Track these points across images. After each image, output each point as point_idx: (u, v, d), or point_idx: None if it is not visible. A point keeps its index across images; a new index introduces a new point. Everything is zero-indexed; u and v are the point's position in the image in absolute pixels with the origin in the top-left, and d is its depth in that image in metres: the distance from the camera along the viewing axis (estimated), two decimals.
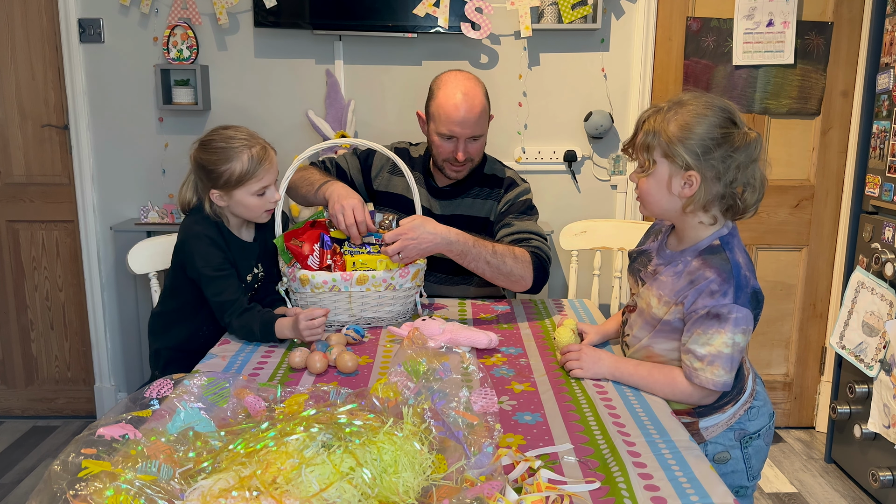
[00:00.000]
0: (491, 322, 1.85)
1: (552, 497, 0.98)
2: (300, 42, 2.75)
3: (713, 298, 1.32)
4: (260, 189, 1.70)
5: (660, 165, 1.35)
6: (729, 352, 1.32)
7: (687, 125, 1.31)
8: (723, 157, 1.30)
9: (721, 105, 1.33)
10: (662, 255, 1.46)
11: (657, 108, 1.36)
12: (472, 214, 2.05)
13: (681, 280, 1.38)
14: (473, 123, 1.93)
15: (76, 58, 2.73)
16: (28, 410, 3.06)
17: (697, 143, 1.30)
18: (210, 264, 1.70)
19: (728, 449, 1.46)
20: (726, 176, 1.31)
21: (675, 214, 1.40)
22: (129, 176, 2.84)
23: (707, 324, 1.33)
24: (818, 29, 2.74)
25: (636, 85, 2.78)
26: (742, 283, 1.32)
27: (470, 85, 1.94)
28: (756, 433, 1.47)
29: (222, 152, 1.67)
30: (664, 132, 1.32)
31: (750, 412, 1.46)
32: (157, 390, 1.15)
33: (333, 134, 2.72)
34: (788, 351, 3.01)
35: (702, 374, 1.34)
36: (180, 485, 0.91)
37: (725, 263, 1.33)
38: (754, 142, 1.32)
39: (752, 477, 1.49)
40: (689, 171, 1.32)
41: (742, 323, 1.32)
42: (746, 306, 1.32)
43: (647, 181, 1.38)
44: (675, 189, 1.35)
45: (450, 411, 1.10)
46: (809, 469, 2.72)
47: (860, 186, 2.63)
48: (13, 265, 2.94)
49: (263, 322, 1.64)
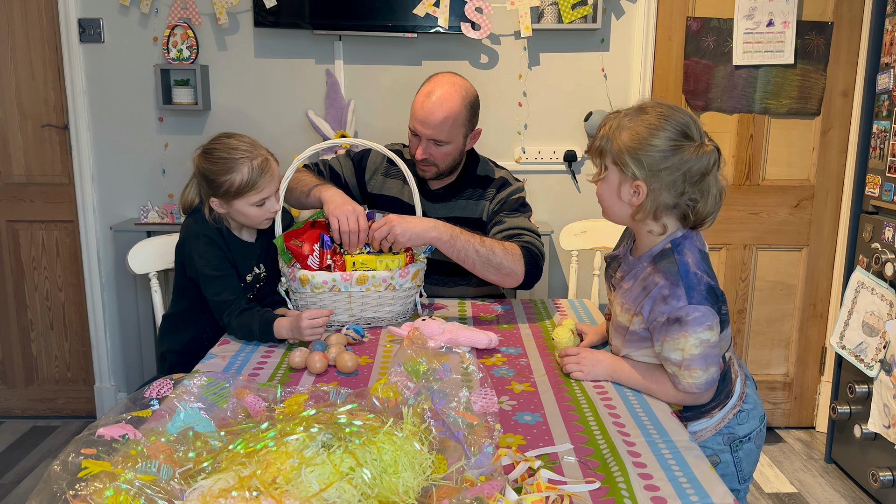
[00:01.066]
0: (491, 322, 1.85)
1: (552, 497, 0.98)
2: (300, 42, 2.75)
3: (667, 304, 1.32)
4: (259, 200, 1.71)
5: (611, 172, 1.37)
6: (699, 352, 1.31)
7: (638, 135, 1.31)
8: (671, 169, 1.30)
9: (678, 118, 1.32)
10: (626, 262, 1.47)
11: (617, 113, 1.37)
12: (466, 216, 2.04)
13: (636, 287, 1.39)
14: (434, 126, 1.89)
15: (76, 58, 2.73)
16: (28, 410, 3.06)
17: (644, 155, 1.30)
18: (209, 263, 1.71)
19: (717, 453, 1.45)
20: (674, 188, 1.31)
21: (628, 221, 1.41)
22: (129, 176, 2.84)
23: (670, 330, 1.32)
24: (818, 29, 2.74)
25: (636, 85, 2.78)
26: (692, 282, 1.31)
27: (448, 91, 1.91)
28: (746, 436, 1.46)
29: (223, 163, 1.67)
30: (616, 140, 1.33)
31: (739, 416, 1.45)
32: (157, 390, 1.15)
33: (333, 134, 2.72)
34: (788, 351, 3.01)
35: (682, 379, 1.35)
36: (180, 485, 0.91)
37: (672, 266, 1.33)
38: (708, 155, 1.30)
39: (742, 480, 1.49)
40: (636, 181, 1.33)
41: (704, 321, 1.30)
42: (704, 303, 1.30)
43: (601, 186, 1.40)
44: (625, 197, 1.36)
45: (450, 411, 1.10)
46: (809, 469, 2.72)
47: (860, 186, 2.63)
48: (13, 265, 2.94)
49: (263, 322, 1.65)
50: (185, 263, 1.75)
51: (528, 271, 1.85)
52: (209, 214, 1.74)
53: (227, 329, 1.72)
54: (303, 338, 1.61)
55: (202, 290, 1.73)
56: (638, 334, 1.40)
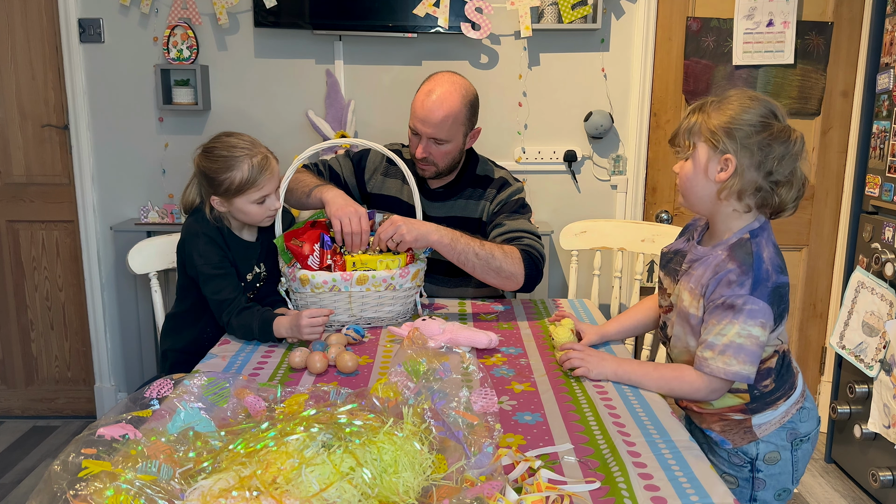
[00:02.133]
0: (491, 322, 1.85)
1: (552, 497, 0.98)
2: (300, 42, 2.75)
3: (730, 289, 1.32)
4: (260, 198, 1.71)
5: (699, 149, 1.38)
6: (742, 342, 1.31)
7: (729, 111, 1.35)
8: (760, 145, 1.33)
9: (766, 100, 1.37)
10: (695, 251, 1.47)
11: (703, 102, 1.41)
12: (466, 216, 2.04)
13: (708, 272, 1.38)
14: (434, 125, 1.89)
15: (76, 58, 2.73)
16: (28, 410, 3.06)
17: (736, 129, 1.33)
18: (209, 262, 1.71)
19: (779, 449, 1.44)
20: (763, 166, 1.33)
21: (710, 202, 1.40)
22: (129, 176, 2.84)
23: (721, 314, 1.33)
24: (818, 29, 2.74)
25: (636, 85, 2.78)
26: (762, 276, 1.33)
27: (448, 89, 1.91)
28: (806, 436, 1.46)
29: (224, 161, 1.68)
30: (708, 118, 1.36)
31: (801, 413, 1.45)
32: (157, 390, 1.15)
33: (333, 134, 2.72)
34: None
35: (712, 363, 1.34)
36: (180, 485, 0.91)
37: (748, 257, 1.34)
38: (796, 139, 1.34)
39: (795, 481, 1.48)
40: (725, 155, 1.34)
41: (758, 316, 1.31)
42: (764, 300, 1.32)
43: (686, 166, 1.41)
44: (712, 173, 1.37)
45: (450, 411, 1.10)
46: (809, 469, 2.72)
47: (860, 186, 2.63)
48: (13, 265, 2.94)
49: (262, 321, 1.65)
50: (186, 262, 1.76)
51: (528, 274, 1.85)
52: (210, 213, 1.75)
53: (226, 328, 1.72)
54: (302, 337, 1.61)
55: (202, 289, 1.73)
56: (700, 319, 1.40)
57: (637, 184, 2.85)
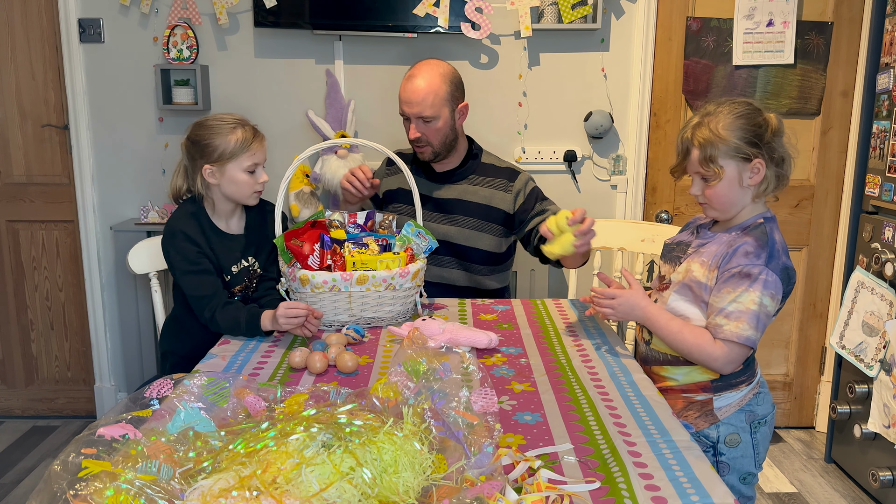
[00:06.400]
0: (491, 322, 1.85)
1: (552, 497, 0.98)
2: (300, 42, 2.75)
3: (747, 258, 1.41)
4: (251, 165, 1.77)
5: (727, 168, 1.46)
6: (756, 309, 1.40)
7: (738, 123, 1.45)
8: (770, 138, 1.45)
9: (743, 100, 1.49)
10: (705, 234, 1.56)
11: (696, 124, 1.49)
12: (473, 200, 2.15)
13: (723, 248, 1.47)
14: (417, 102, 2.02)
15: (76, 58, 2.72)
16: (28, 410, 3.05)
17: (752, 134, 1.45)
18: (185, 259, 1.74)
19: (739, 431, 1.52)
20: (776, 152, 1.47)
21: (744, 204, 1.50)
22: (129, 176, 2.84)
23: (737, 282, 1.41)
24: (818, 29, 2.74)
25: (636, 85, 2.78)
26: (775, 253, 1.43)
27: (427, 69, 2.06)
28: (763, 419, 1.53)
29: (217, 127, 1.76)
30: (719, 138, 1.44)
31: (758, 397, 1.53)
32: (157, 390, 1.15)
33: (333, 134, 2.72)
34: (788, 351, 3.01)
35: (726, 328, 1.41)
36: (180, 485, 0.91)
37: (763, 235, 1.44)
38: (778, 118, 1.48)
39: (758, 464, 1.55)
40: (754, 161, 1.45)
41: (771, 287, 1.40)
42: (777, 274, 1.41)
43: (717, 187, 1.47)
44: (745, 182, 1.46)
45: (450, 411, 1.10)
46: (809, 469, 2.72)
47: (860, 186, 2.63)
48: (13, 265, 2.94)
49: (250, 315, 1.66)
50: (167, 264, 1.79)
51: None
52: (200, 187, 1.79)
53: (209, 324, 1.72)
54: (281, 328, 1.63)
55: (181, 287, 1.76)
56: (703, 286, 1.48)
57: (637, 184, 2.85)
